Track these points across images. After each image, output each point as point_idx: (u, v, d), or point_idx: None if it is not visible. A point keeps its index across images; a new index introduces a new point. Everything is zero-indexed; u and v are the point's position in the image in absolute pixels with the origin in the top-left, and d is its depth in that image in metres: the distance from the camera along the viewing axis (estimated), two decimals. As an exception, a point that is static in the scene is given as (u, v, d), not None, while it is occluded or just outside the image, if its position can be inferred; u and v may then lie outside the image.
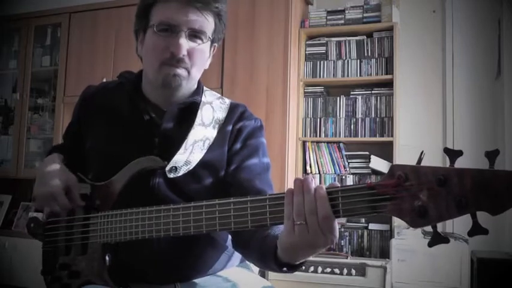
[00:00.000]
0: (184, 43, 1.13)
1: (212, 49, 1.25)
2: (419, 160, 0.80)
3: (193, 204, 1.00)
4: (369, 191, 0.81)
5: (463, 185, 0.74)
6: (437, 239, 0.78)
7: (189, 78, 1.18)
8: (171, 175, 1.13)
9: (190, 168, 1.15)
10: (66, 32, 3.86)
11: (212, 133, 1.20)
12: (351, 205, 0.83)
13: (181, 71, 1.15)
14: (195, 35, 1.15)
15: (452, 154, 0.76)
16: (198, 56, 1.17)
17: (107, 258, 1.11)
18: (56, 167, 1.19)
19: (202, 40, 1.16)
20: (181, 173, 1.14)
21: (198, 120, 1.20)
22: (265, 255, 1.00)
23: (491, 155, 0.74)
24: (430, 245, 0.79)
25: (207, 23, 1.16)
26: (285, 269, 0.96)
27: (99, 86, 1.35)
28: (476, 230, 0.74)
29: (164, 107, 1.21)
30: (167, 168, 1.13)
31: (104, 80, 3.56)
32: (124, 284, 1.12)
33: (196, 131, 1.18)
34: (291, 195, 0.86)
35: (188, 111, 1.21)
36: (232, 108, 1.28)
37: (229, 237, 1.25)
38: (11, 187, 4.13)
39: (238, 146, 1.22)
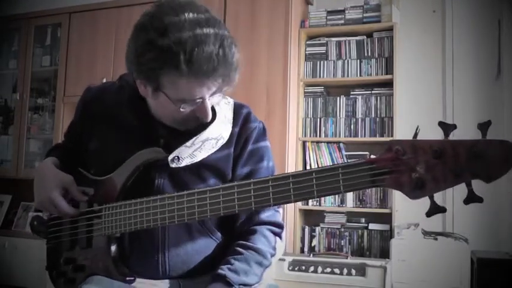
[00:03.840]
0: (209, 107, 1.10)
1: None
2: (415, 135, 0.84)
3: (197, 190, 1.03)
4: (368, 165, 0.85)
5: (458, 156, 0.78)
6: (434, 209, 0.82)
7: None
8: (173, 165, 1.14)
9: (194, 162, 1.15)
10: (66, 32, 3.86)
11: (227, 131, 1.21)
12: (351, 180, 0.87)
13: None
14: (213, 94, 1.10)
15: (446, 128, 0.82)
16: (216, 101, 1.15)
17: (112, 249, 1.14)
18: (50, 171, 1.21)
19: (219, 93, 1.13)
20: (183, 164, 1.14)
21: (218, 116, 1.19)
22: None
23: (483, 126, 0.78)
24: (428, 214, 0.82)
25: (222, 83, 1.09)
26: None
27: (100, 88, 1.35)
28: (471, 198, 0.78)
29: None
30: (170, 158, 1.13)
31: (104, 81, 3.56)
32: (129, 274, 1.15)
33: (213, 128, 1.18)
34: None
35: None
36: (237, 108, 1.27)
37: None
38: (11, 187, 4.13)
39: (244, 149, 1.23)
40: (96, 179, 1.21)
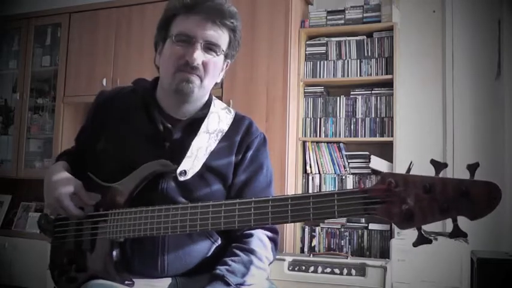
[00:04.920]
0: (199, 54, 1.20)
1: (225, 65, 1.31)
2: (408, 169, 0.89)
3: (200, 204, 1.08)
4: (361, 194, 0.91)
5: (446, 193, 0.83)
6: (421, 239, 0.90)
7: (201, 87, 1.24)
8: (181, 178, 1.19)
9: (195, 172, 1.21)
10: (66, 32, 3.86)
11: (213, 141, 1.26)
12: (345, 207, 0.92)
13: (194, 78, 1.21)
14: (210, 47, 1.22)
15: (438, 166, 0.86)
16: (211, 67, 1.23)
17: (114, 253, 1.18)
18: (61, 175, 1.25)
19: (216, 53, 1.23)
20: (189, 176, 1.20)
21: (203, 127, 1.25)
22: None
23: (471, 168, 0.83)
24: (415, 245, 0.90)
25: (222, 37, 1.23)
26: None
27: (113, 92, 1.40)
28: (456, 232, 0.85)
29: (176, 115, 1.27)
30: (178, 172, 1.19)
31: (104, 81, 3.57)
32: (129, 278, 1.17)
33: (200, 138, 1.24)
34: None
35: (198, 122, 1.27)
36: (238, 119, 1.33)
37: None
38: (11, 187, 4.13)
39: (245, 157, 1.28)
40: (104, 185, 1.24)
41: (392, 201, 0.87)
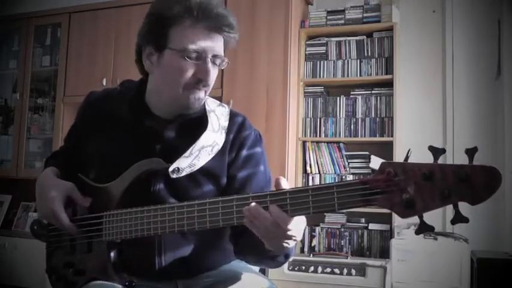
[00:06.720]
0: (211, 68, 1.17)
1: None
2: (407, 157, 0.88)
3: (188, 203, 1.06)
4: (361, 186, 0.89)
5: (446, 179, 0.82)
6: (423, 227, 0.87)
7: (205, 97, 1.23)
8: (174, 175, 1.16)
9: (193, 170, 1.18)
10: (66, 32, 3.86)
11: (221, 138, 1.23)
12: (345, 199, 0.90)
13: (203, 94, 1.20)
14: (215, 59, 1.19)
15: (436, 152, 0.86)
16: (215, 76, 1.21)
17: (112, 255, 1.16)
18: (51, 182, 1.23)
19: (219, 64, 1.21)
20: (183, 173, 1.17)
21: (209, 126, 1.22)
22: (259, 254, 1.09)
23: (471, 152, 0.83)
24: (417, 232, 0.87)
25: (223, 47, 1.20)
26: (279, 258, 1.09)
27: (102, 92, 1.38)
28: (458, 218, 0.84)
29: (166, 116, 1.24)
30: (170, 169, 1.16)
31: (104, 81, 3.57)
32: (128, 280, 1.16)
33: (206, 136, 1.21)
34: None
35: (190, 122, 1.24)
36: (233, 116, 1.30)
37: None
38: (11, 187, 4.13)
39: (238, 155, 1.25)
40: (96, 186, 1.22)
41: (392, 190, 0.86)
